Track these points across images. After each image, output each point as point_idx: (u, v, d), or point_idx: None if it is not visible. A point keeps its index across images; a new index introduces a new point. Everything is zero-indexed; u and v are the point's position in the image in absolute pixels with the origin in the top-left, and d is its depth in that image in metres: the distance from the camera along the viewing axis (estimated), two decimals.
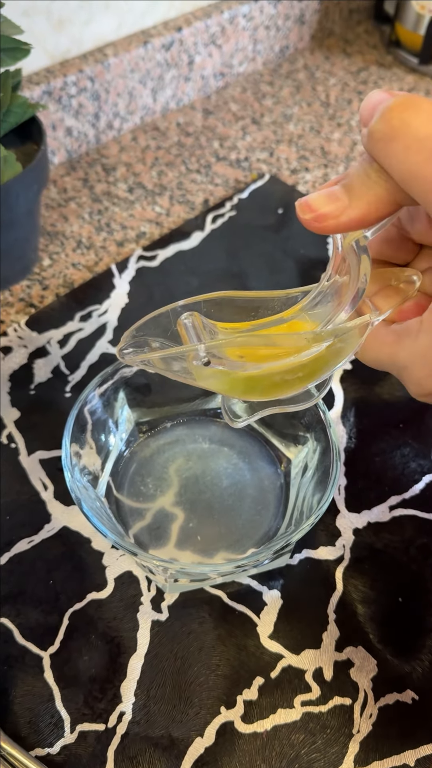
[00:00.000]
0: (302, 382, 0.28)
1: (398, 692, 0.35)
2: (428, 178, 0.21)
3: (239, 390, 0.28)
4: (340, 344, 0.27)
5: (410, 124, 0.21)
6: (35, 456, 0.43)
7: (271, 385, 0.28)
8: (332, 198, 0.24)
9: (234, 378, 0.27)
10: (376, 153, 0.22)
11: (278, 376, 0.28)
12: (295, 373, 0.27)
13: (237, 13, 0.70)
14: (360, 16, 0.84)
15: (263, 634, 0.37)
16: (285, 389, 0.28)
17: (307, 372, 0.28)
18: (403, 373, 0.26)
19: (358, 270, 0.26)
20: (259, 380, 0.27)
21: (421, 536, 0.40)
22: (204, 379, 0.27)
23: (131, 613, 0.37)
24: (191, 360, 0.26)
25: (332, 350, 0.27)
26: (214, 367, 0.26)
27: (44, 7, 0.57)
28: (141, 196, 0.61)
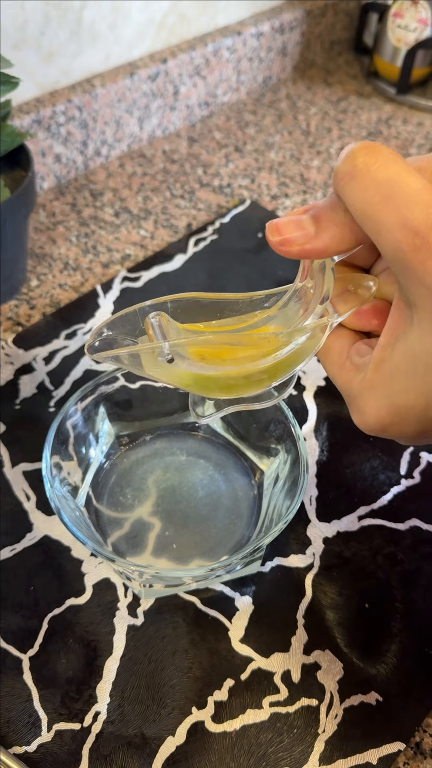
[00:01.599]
0: (264, 383, 0.30)
1: (363, 694, 0.37)
2: (379, 220, 0.23)
3: (200, 387, 0.29)
4: (301, 345, 0.29)
5: (371, 166, 0.23)
6: (19, 468, 0.45)
7: (233, 385, 0.29)
8: (299, 226, 0.26)
9: (196, 376, 0.29)
10: (339, 191, 0.24)
11: (238, 378, 0.29)
12: (255, 375, 0.29)
13: (221, 45, 0.73)
14: (341, 47, 0.88)
15: (234, 638, 0.38)
16: (247, 389, 0.30)
17: (269, 374, 0.30)
18: (352, 402, 0.28)
19: (322, 285, 0.28)
20: (221, 380, 0.29)
21: (388, 545, 0.42)
22: (167, 376, 0.29)
23: (108, 618, 0.39)
24: (156, 357, 0.28)
25: (293, 353, 0.29)
26: (178, 365, 0.28)
27: (34, 41, 0.60)
28: (127, 220, 0.63)
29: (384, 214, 0.22)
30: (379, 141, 0.74)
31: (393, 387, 0.25)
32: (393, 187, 0.22)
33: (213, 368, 0.29)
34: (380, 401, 0.26)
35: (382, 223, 0.22)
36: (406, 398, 0.25)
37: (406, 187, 0.22)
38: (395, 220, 0.22)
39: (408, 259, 0.22)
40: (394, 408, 0.25)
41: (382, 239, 0.23)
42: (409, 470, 0.46)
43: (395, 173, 0.22)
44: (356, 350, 0.29)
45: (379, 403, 0.26)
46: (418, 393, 0.25)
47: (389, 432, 0.27)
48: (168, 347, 0.28)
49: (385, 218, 0.22)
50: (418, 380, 0.24)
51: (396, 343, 0.25)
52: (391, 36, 0.77)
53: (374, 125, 0.76)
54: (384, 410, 0.26)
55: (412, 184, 0.22)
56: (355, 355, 0.28)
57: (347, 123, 0.76)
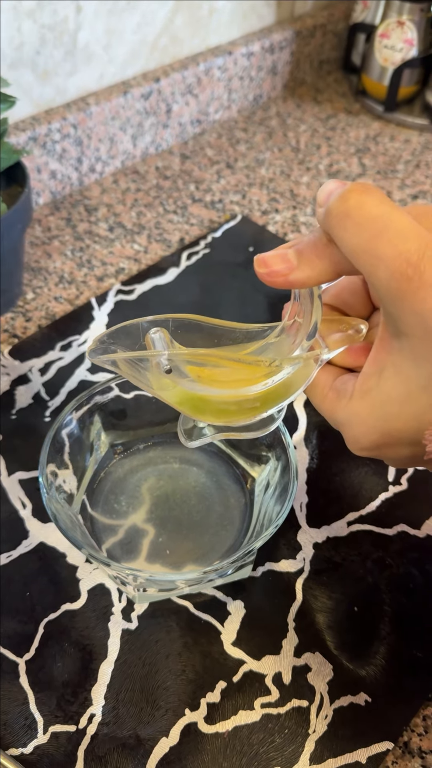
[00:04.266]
0: (256, 411, 0.31)
1: (352, 695, 0.37)
2: (374, 253, 0.24)
3: (193, 408, 0.30)
4: (291, 377, 0.30)
5: (364, 205, 0.25)
6: (15, 476, 0.46)
7: (225, 410, 0.30)
8: (284, 259, 0.28)
9: (188, 395, 0.30)
10: (331, 228, 0.26)
11: (230, 403, 0.30)
12: (247, 402, 0.30)
13: (212, 65, 0.74)
14: (330, 66, 0.90)
15: (227, 642, 0.39)
16: (238, 416, 0.31)
17: (261, 401, 0.31)
18: (341, 429, 0.30)
19: (310, 315, 0.30)
20: (211, 403, 0.30)
21: (377, 550, 0.43)
22: (162, 389, 0.30)
23: (103, 622, 0.39)
24: (154, 367, 0.29)
25: (283, 383, 0.30)
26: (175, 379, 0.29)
27: (30, 60, 0.62)
28: (121, 235, 0.65)
29: (379, 248, 0.24)
30: (367, 157, 0.76)
31: (384, 413, 0.27)
32: (386, 223, 0.24)
33: (207, 389, 0.30)
34: (371, 427, 0.28)
35: (377, 257, 0.24)
36: (398, 422, 0.27)
37: (399, 222, 0.24)
38: (389, 252, 0.24)
39: (401, 289, 0.24)
40: (386, 432, 0.27)
41: (376, 272, 0.24)
42: (397, 477, 0.47)
43: (387, 211, 0.24)
44: (339, 380, 0.30)
45: (370, 429, 0.28)
46: (410, 417, 0.26)
47: (382, 454, 0.29)
48: (167, 356, 0.29)
49: (380, 251, 0.24)
50: (411, 404, 0.26)
51: (383, 372, 0.27)
52: (378, 56, 0.79)
53: (362, 142, 0.78)
54: (376, 435, 0.28)
55: (404, 220, 0.24)
56: (338, 384, 0.30)
57: (336, 140, 0.78)
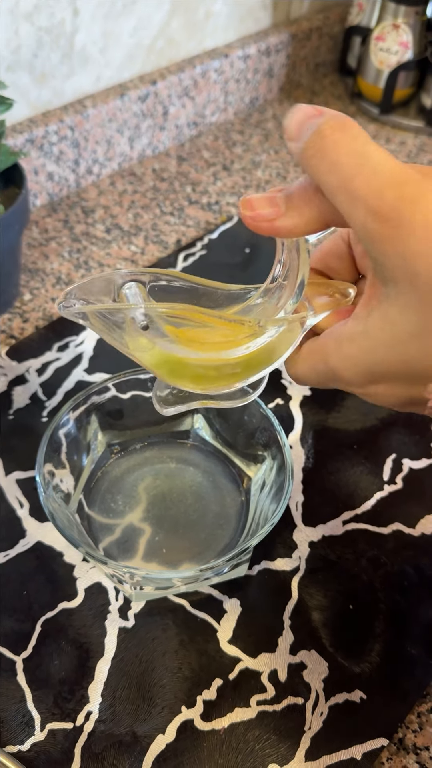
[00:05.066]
0: (237, 378, 0.29)
1: (347, 692, 0.38)
2: (350, 193, 0.23)
3: (170, 372, 0.28)
4: (275, 342, 0.28)
5: (340, 141, 0.23)
6: (12, 476, 0.46)
7: (201, 375, 0.29)
8: (272, 203, 0.26)
9: (165, 357, 0.28)
10: (308, 167, 0.24)
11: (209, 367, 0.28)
12: (227, 368, 0.28)
13: (209, 67, 0.75)
14: (325, 69, 0.90)
15: (223, 639, 0.39)
16: (218, 382, 0.29)
17: (242, 367, 0.29)
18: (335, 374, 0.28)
19: (297, 272, 0.28)
20: (189, 367, 0.28)
21: (372, 549, 0.43)
22: (137, 350, 0.28)
23: (100, 620, 0.40)
24: (129, 323, 0.27)
25: (266, 349, 0.28)
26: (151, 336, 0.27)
27: (27, 63, 0.62)
28: (118, 236, 0.65)
29: (356, 187, 0.23)
30: None
31: (373, 357, 0.26)
32: (363, 161, 0.23)
33: (186, 350, 0.28)
34: (362, 369, 0.27)
35: (355, 197, 0.23)
36: (387, 365, 0.26)
37: (376, 160, 0.23)
38: (366, 191, 0.23)
39: (381, 231, 0.23)
40: (378, 373, 0.27)
41: (355, 212, 0.23)
42: (392, 476, 0.47)
43: (365, 148, 0.23)
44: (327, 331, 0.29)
45: (360, 371, 0.27)
46: (398, 361, 0.26)
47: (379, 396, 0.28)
48: (144, 310, 0.27)
49: (358, 191, 0.23)
50: (399, 349, 0.25)
51: (369, 317, 0.26)
52: (373, 58, 0.79)
53: None
54: (368, 376, 0.27)
55: (382, 156, 0.23)
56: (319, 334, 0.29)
57: None
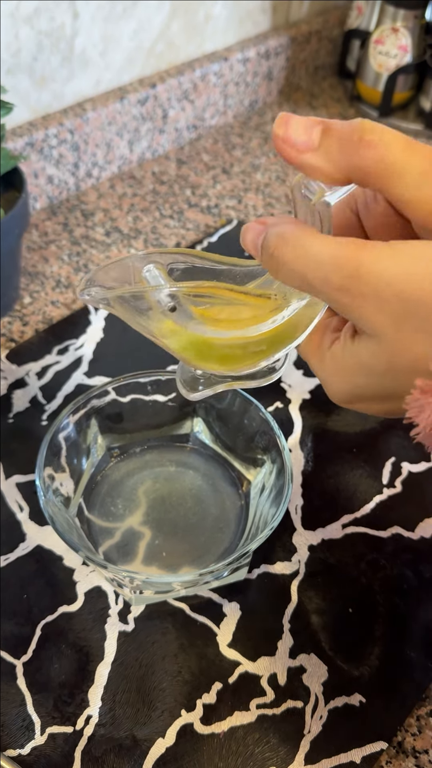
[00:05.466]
0: (262, 355, 0.29)
1: (347, 695, 0.38)
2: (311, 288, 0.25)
3: (197, 354, 0.28)
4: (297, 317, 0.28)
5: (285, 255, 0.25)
6: (12, 480, 0.46)
7: (228, 355, 0.28)
8: (307, 131, 0.25)
9: (192, 340, 0.28)
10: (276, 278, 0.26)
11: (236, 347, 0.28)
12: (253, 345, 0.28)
13: (208, 70, 0.75)
14: (325, 72, 0.91)
15: (222, 643, 0.39)
16: (244, 361, 0.29)
17: (268, 344, 0.29)
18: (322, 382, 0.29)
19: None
20: (215, 347, 0.28)
21: (371, 552, 0.44)
22: (164, 335, 0.27)
23: (99, 624, 0.40)
24: (154, 306, 0.26)
25: (290, 323, 0.28)
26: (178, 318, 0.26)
27: (27, 66, 0.62)
28: (117, 240, 0.65)
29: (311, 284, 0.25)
30: None
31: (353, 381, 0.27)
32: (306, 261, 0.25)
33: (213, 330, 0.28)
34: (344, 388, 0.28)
35: (315, 290, 0.25)
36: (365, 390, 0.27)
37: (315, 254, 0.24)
38: (319, 284, 0.24)
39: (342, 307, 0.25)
40: (357, 396, 0.28)
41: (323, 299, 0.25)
42: (391, 480, 0.47)
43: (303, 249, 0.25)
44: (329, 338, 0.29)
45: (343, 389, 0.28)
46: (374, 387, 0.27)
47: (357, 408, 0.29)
48: (168, 292, 0.26)
49: (314, 286, 0.25)
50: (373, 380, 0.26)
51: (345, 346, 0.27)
52: (372, 62, 0.80)
53: None
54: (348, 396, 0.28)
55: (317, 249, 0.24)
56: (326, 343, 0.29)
57: None
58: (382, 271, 0.23)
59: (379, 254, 0.23)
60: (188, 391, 0.31)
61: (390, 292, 0.23)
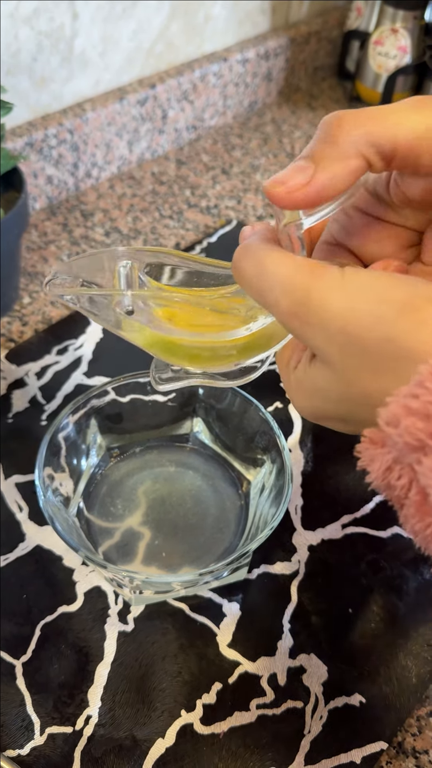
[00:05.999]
0: (232, 359, 0.29)
1: (347, 696, 0.38)
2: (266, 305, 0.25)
3: (164, 351, 0.28)
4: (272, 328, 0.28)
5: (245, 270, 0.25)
6: (11, 480, 0.46)
7: (196, 355, 0.28)
8: (299, 169, 0.24)
9: (157, 338, 0.28)
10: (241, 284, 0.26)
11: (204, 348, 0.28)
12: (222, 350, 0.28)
13: (208, 71, 0.75)
14: (324, 73, 0.91)
15: (222, 643, 0.39)
16: (213, 362, 0.29)
17: (237, 351, 0.29)
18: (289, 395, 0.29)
19: None
20: (183, 347, 0.28)
21: (371, 552, 0.44)
22: (128, 330, 0.28)
23: (99, 624, 0.40)
24: (115, 306, 0.26)
25: (263, 334, 0.28)
26: (136, 319, 0.27)
27: (27, 67, 0.62)
28: (117, 240, 0.65)
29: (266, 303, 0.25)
30: None
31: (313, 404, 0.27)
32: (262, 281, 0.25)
33: (177, 331, 0.28)
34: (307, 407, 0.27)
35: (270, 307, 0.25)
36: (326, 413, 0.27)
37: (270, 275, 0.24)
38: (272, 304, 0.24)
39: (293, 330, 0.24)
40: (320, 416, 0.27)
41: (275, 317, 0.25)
42: None
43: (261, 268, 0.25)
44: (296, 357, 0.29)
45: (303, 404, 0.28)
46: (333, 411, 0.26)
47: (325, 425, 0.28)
48: (130, 298, 0.27)
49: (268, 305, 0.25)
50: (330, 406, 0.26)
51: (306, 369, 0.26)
52: (372, 63, 0.80)
53: None
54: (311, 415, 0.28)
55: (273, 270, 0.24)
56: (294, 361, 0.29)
57: None
58: (329, 304, 0.23)
59: (329, 284, 0.23)
60: (157, 383, 0.31)
61: (334, 326, 0.23)
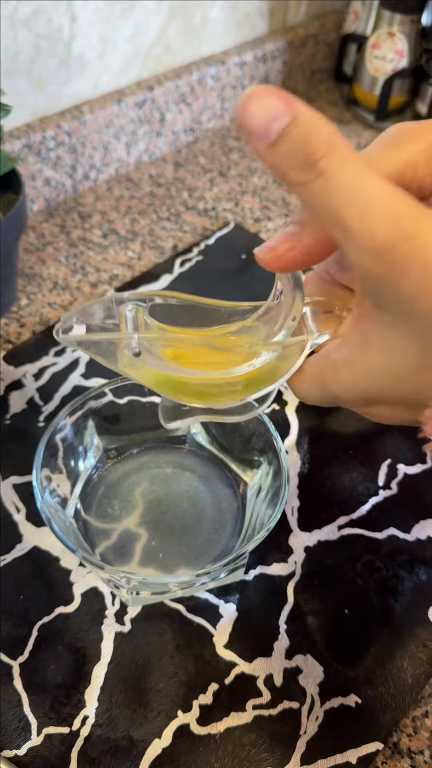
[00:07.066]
0: (238, 395, 0.29)
1: (342, 696, 0.38)
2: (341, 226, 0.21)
3: (171, 389, 0.29)
4: (276, 363, 0.29)
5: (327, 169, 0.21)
6: (9, 481, 0.46)
7: (205, 392, 0.29)
8: (286, 236, 0.25)
9: (164, 377, 0.28)
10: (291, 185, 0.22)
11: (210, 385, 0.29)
12: (228, 386, 0.29)
13: (205, 74, 0.75)
14: (321, 76, 0.91)
15: (219, 644, 0.39)
16: (220, 398, 0.29)
17: (243, 386, 0.29)
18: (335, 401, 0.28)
19: (291, 307, 0.28)
20: (189, 385, 0.29)
21: (367, 553, 0.44)
22: (137, 373, 0.28)
23: (96, 625, 0.40)
24: (122, 349, 0.27)
25: (268, 369, 0.29)
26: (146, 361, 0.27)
27: (25, 69, 0.62)
28: (114, 242, 0.65)
29: (348, 221, 0.21)
30: None
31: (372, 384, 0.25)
32: (354, 195, 0.21)
33: (183, 371, 0.28)
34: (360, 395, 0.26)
35: (348, 231, 0.21)
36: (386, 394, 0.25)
37: (368, 192, 0.21)
38: (359, 229, 0.21)
39: (374, 268, 0.21)
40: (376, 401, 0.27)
41: (348, 247, 0.22)
42: (387, 481, 0.47)
43: (355, 177, 0.21)
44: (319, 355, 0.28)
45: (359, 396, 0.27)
46: (396, 390, 0.25)
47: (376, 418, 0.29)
48: (137, 340, 0.27)
49: (350, 226, 0.21)
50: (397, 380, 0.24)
51: (367, 344, 0.24)
52: (369, 66, 0.80)
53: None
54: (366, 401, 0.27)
55: (374, 186, 0.21)
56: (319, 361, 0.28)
57: None
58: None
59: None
60: (167, 420, 0.32)
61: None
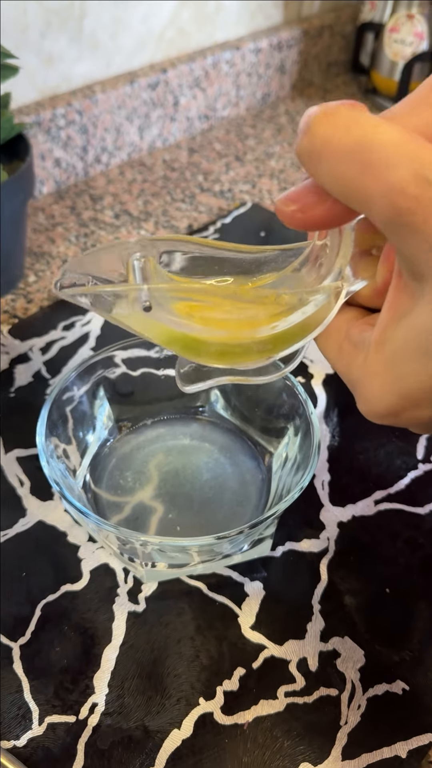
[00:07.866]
0: (265, 354, 0.26)
1: (387, 683, 0.33)
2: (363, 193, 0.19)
3: (186, 349, 0.25)
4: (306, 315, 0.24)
5: (332, 138, 0.19)
6: (13, 454, 0.42)
7: (227, 352, 0.25)
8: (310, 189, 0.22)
9: (179, 335, 0.25)
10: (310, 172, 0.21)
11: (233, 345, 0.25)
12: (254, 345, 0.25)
13: (220, 59, 0.73)
14: (338, 68, 0.89)
15: (245, 625, 0.35)
16: (244, 358, 0.25)
17: (272, 344, 0.25)
18: (355, 389, 0.24)
19: (338, 246, 0.24)
20: (207, 344, 0.25)
21: (408, 529, 0.39)
22: (145, 328, 0.25)
23: (107, 604, 0.35)
24: (131, 302, 0.24)
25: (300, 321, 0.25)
26: (154, 316, 0.24)
27: (35, 44, 0.60)
28: (127, 222, 0.62)
29: (367, 187, 0.19)
30: None
31: (402, 369, 0.22)
32: (366, 152, 0.19)
33: (199, 329, 0.25)
34: (387, 386, 0.22)
35: (368, 195, 0.19)
36: (418, 380, 0.21)
37: (381, 145, 0.19)
38: (380, 188, 0.19)
39: (406, 223, 0.19)
40: (405, 392, 0.22)
41: (372, 212, 0.19)
42: (427, 455, 0.43)
43: (362, 135, 0.19)
44: (357, 329, 0.25)
45: (385, 389, 0.22)
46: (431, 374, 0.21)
47: (402, 419, 0.23)
48: (147, 292, 0.24)
49: (369, 189, 0.19)
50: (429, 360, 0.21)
51: (402, 320, 0.21)
52: (388, 51, 0.78)
53: None
54: (394, 396, 0.22)
55: (387, 139, 0.19)
56: (355, 333, 0.24)
57: None
58: None
59: None
60: (184, 383, 0.28)
61: None
